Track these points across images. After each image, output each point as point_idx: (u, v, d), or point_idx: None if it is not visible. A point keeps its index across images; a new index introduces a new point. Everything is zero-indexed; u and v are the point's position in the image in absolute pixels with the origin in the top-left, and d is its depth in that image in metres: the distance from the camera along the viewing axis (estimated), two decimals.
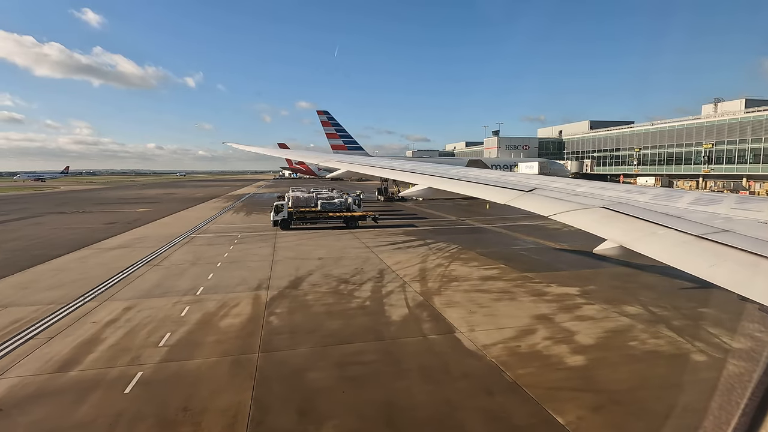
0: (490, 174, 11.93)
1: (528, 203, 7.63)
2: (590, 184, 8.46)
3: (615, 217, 6.04)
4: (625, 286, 21.70)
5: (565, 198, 7.41)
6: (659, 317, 17.12)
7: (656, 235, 4.99)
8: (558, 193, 7.82)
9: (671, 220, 5.29)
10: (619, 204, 6.44)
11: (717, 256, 4.12)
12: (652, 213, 5.76)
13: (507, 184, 9.04)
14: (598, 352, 13.92)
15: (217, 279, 22.93)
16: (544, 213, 6.90)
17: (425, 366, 12.93)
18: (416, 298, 19.56)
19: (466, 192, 9.48)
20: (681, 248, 4.54)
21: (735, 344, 15.16)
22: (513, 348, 14.22)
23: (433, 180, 11.38)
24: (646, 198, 6.75)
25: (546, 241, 34.68)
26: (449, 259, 28.10)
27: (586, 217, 6.37)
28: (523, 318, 17.08)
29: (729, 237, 4.42)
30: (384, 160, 19.92)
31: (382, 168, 15.51)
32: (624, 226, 5.61)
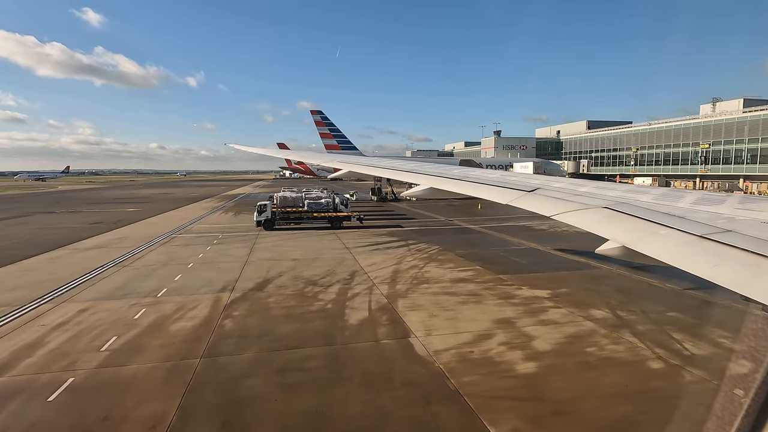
0: (491, 174, 11.74)
1: (529, 203, 7.56)
2: (592, 184, 8.42)
3: (617, 217, 5.95)
4: (599, 288, 21.20)
5: (567, 198, 7.35)
6: (625, 322, 16.62)
7: (658, 235, 4.96)
8: (560, 193, 7.74)
9: (673, 220, 5.27)
10: (621, 204, 6.39)
11: (719, 256, 4.08)
12: (654, 213, 5.74)
13: (509, 184, 9.00)
14: (552, 359, 13.44)
15: (183, 281, 22.55)
16: (546, 213, 6.86)
17: (369, 373, 12.48)
18: (380, 301, 19.11)
19: (468, 192, 9.46)
20: (683, 248, 4.52)
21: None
22: (465, 354, 13.76)
23: (434, 180, 11.28)
24: (649, 198, 6.72)
25: (529, 242, 34.18)
26: (426, 260, 27.65)
27: (588, 217, 6.25)
28: (484, 322, 16.61)
29: (732, 237, 4.36)
30: (385, 161, 19.85)
31: (383, 168, 15.38)
32: (626, 226, 5.56)
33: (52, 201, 79.40)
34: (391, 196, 78.12)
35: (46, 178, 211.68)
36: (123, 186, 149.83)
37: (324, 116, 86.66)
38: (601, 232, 5.67)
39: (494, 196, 8.57)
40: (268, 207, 40.94)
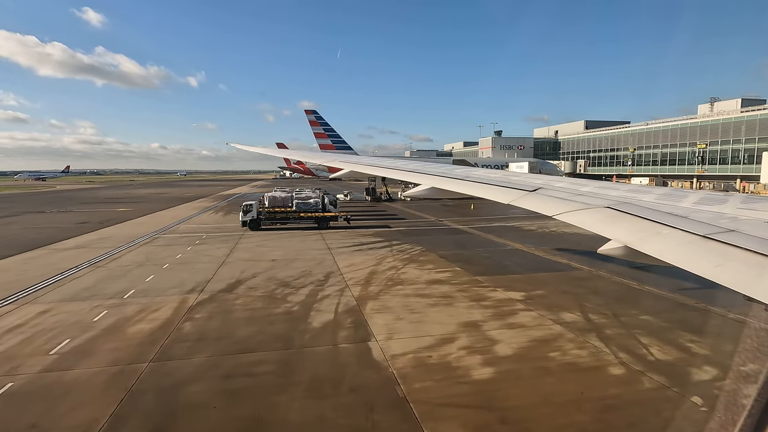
0: (493, 174, 11.70)
1: (531, 203, 7.54)
2: (594, 183, 8.39)
3: (619, 216, 5.91)
4: (576, 291, 20.79)
5: (569, 198, 7.30)
6: (594, 325, 16.22)
7: (661, 235, 4.94)
8: (562, 192, 7.72)
9: (676, 220, 5.24)
10: (623, 204, 6.35)
11: (722, 256, 4.05)
12: (656, 213, 5.71)
13: (510, 183, 8.97)
14: (511, 364, 13.05)
15: (154, 281, 22.22)
16: (548, 213, 6.81)
17: (318, 378, 12.11)
18: (349, 303, 18.75)
19: (470, 192, 9.39)
20: (686, 248, 4.48)
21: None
22: (422, 358, 13.38)
23: (436, 180, 11.20)
24: (651, 197, 6.69)
25: (515, 243, 33.77)
26: (406, 261, 27.28)
27: (590, 216, 6.21)
28: (450, 325, 16.23)
29: (735, 237, 4.34)
30: (387, 160, 19.74)
31: (385, 168, 15.25)
32: (628, 225, 5.53)
33: (45, 201, 79.32)
34: (385, 197, 77.76)
35: (46, 177, 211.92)
36: (121, 186, 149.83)
37: (318, 116, 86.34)
38: (603, 232, 5.64)
39: (496, 195, 8.51)
40: (253, 207, 40.63)
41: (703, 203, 6.13)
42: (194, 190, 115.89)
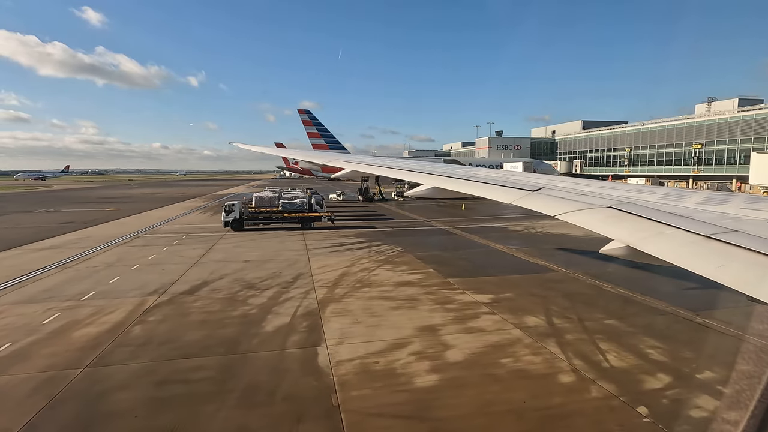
0: (495, 174, 11.62)
1: (533, 203, 7.47)
2: (596, 183, 8.40)
3: (622, 216, 5.87)
4: (546, 293, 20.31)
5: (571, 198, 7.26)
6: (555, 330, 15.74)
7: (663, 235, 4.92)
8: (564, 192, 7.72)
9: (679, 220, 5.22)
10: (626, 204, 6.35)
11: (725, 257, 4.02)
12: (659, 213, 5.69)
13: (512, 183, 8.97)
14: (459, 371, 12.59)
15: (118, 283, 21.83)
16: (550, 212, 6.73)
17: (254, 386, 11.67)
18: (310, 306, 18.31)
19: (472, 192, 9.31)
20: (688, 248, 4.47)
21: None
22: (368, 365, 12.92)
23: (438, 180, 11.12)
24: (654, 197, 6.67)
25: (497, 243, 33.28)
26: (381, 262, 26.83)
27: (592, 216, 6.17)
28: (407, 329, 15.77)
29: (738, 237, 4.32)
30: (389, 160, 19.39)
31: (387, 168, 15.02)
32: (631, 225, 5.51)
33: (37, 200, 79.14)
34: (378, 197, 77.33)
35: (46, 177, 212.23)
36: (118, 185, 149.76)
37: (312, 115, 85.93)
38: (605, 232, 5.59)
39: (498, 195, 8.46)
40: (236, 207, 40.22)
41: (706, 203, 6.11)
42: (190, 189, 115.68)
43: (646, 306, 18.47)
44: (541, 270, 25.17)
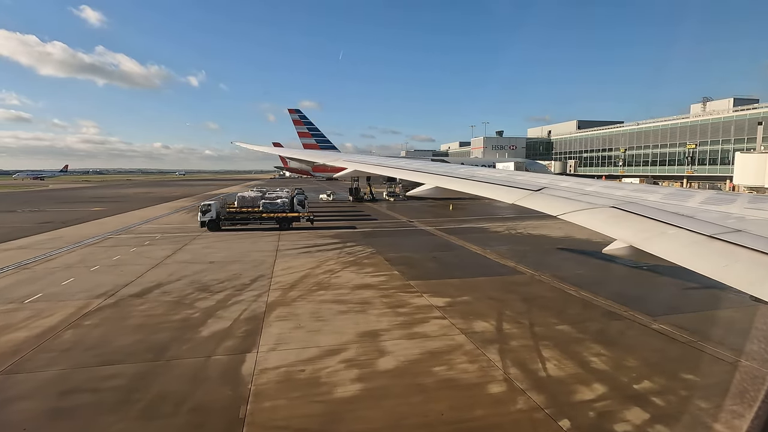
0: (498, 174, 11.63)
1: (536, 203, 7.45)
2: (599, 183, 8.32)
3: (624, 216, 5.84)
4: (506, 297, 19.74)
5: (574, 197, 7.20)
6: (502, 336, 15.16)
7: (667, 235, 4.90)
8: (566, 192, 7.65)
9: (682, 220, 5.19)
10: (628, 203, 6.30)
11: (729, 257, 4.02)
12: (662, 212, 5.65)
13: (515, 183, 8.92)
14: (386, 380, 12.02)
15: (70, 285, 21.34)
16: (552, 212, 6.72)
17: (164, 395, 11.12)
18: (257, 310, 17.76)
19: (474, 191, 9.30)
20: (692, 248, 4.44)
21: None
22: (293, 373, 12.36)
23: (440, 179, 11.04)
24: (657, 197, 6.63)
25: (473, 244, 32.67)
26: (347, 264, 26.28)
27: (595, 216, 6.13)
28: (348, 335, 15.21)
29: (742, 237, 4.29)
30: (391, 160, 19.33)
31: (390, 168, 14.95)
32: (634, 225, 5.48)
33: (25, 200, 78.89)
34: (368, 197, 76.79)
35: (45, 177, 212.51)
36: (114, 185, 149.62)
37: (302, 115, 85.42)
38: (608, 232, 5.55)
39: (500, 195, 8.41)
40: (212, 207, 39.71)
41: (710, 203, 6.07)
42: (183, 189, 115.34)
43: (605, 310, 17.87)
44: (508, 272, 24.58)
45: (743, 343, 14.46)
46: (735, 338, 14.88)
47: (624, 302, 18.70)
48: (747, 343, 14.44)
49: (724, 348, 13.96)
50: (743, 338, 14.98)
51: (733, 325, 16.30)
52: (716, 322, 16.59)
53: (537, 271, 24.49)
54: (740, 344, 14.22)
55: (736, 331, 15.65)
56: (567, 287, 21.20)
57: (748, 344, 14.35)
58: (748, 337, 15.11)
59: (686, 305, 18.69)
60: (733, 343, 14.31)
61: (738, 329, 15.91)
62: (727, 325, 16.29)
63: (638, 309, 17.80)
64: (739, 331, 15.76)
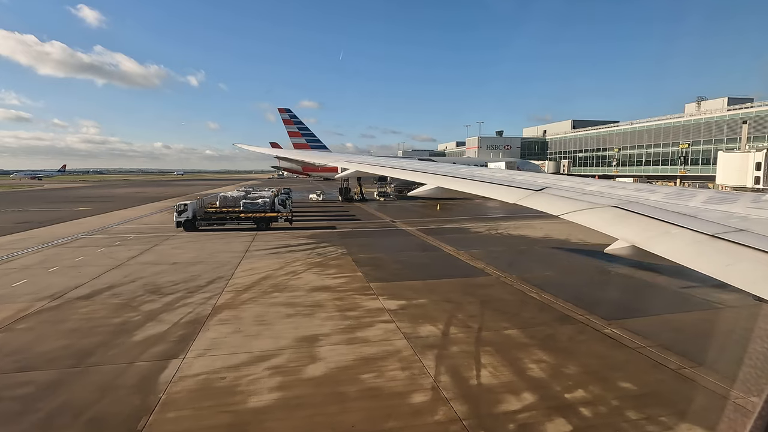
0: (499, 173, 11.75)
1: (537, 202, 7.38)
2: (601, 182, 8.30)
3: (627, 216, 5.80)
4: (463, 299, 19.18)
5: (576, 197, 7.15)
6: (444, 341, 14.60)
7: (669, 235, 4.88)
8: (568, 192, 7.61)
9: (685, 219, 5.16)
10: (630, 203, 6.29)
11: (732, 256, 3.99)
12: (664, 212, 5.61)
13: (516, 183, 8.90)
14: (307, 389, 11.46)
15: (20, 287, 20.87)
16: (554, 212, 6.64)
17: (68, 405, 10.58)
18: (201, 313, 17.23)
19: (476, 191, 9.30)
20: (695, 248, 4.43)
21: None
22: (212, 381, 11.81)
23: (442, 179, 10.98)
24: (659, 197, 6.63)
25: (447, 245, 32.09)
26: (313, 265, 25.74)
27: (597, 216, 6.11)
28: (286, 339, 14.67)
29: (745, 236, 4.27)
30: (393, 160, 19.48)
31: (391, 168, 14.92)
32: (636, 225, 5.45)
33: (13, 200, 78.53)
34: (358, 197, 76.31)
35: (42, 176, 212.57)
36: (109, 185, 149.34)
37: (292, 114, 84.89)
38: (610, 232, 5.50)
39: (502, 195, 8.37)
40: (188, 207, 39.22)
41: (712, 202, 6.06)
42: (176, 189, 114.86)
43: (561, 314, 17.29)
44: (475, 273, 24.01)
45: (694, 349, 13.89)
46: (688, 344, 14.30)
47: (584, 305, 18.13)
48: (698, 350, 13.86)
49: (672, 354, 13.36)
50: (696, 344, 14.41)
51: (692, 330, 15.71)
52: (674, 326, 15.99)
53: (505, 272, 23.92)
54: (690, 350, 13.65)
55: (691, 337, 15.07)
56: (530, 289, 20.62)
57: (699, 350, 13.78)
58: (701, 342, 14.53)
59: (649, 308, 18.10)
60: (684, 349, 13.73)
61: (695, 334, 15.33)
62: (684, 330, 15.69)
63: (596, 312, 17.23)
64: (696, 336, 15.18)
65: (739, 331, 15.83)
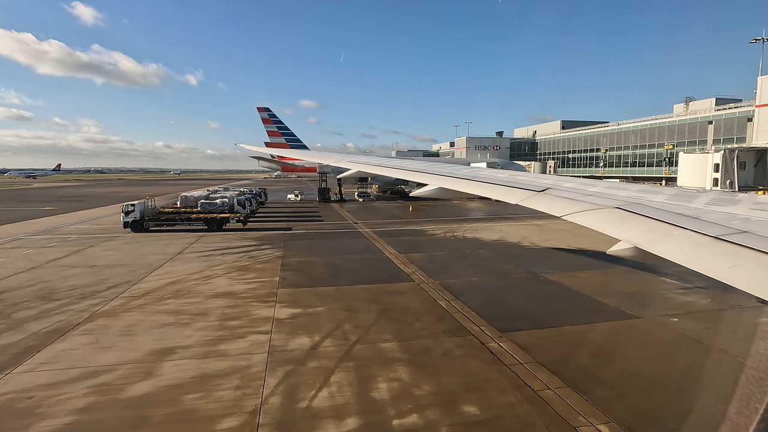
0: (500, 174, 11.52)
1: (540, 203, 7.34)
2: (603, 183, 8.34)
3: (629, 217, 5.78)
4: (365, 307, 18.12)
5: (578, 198, 7.10)
6: (309, 355, 13.48)
7: (672, 236, 4.82)
8: (570, 193, 7.57)
9: (687, 221, 5.08)
10: (633, 204, 6.26)
11: (736, 258, 3.93)
12: (667, 213, 5.56)
13: (518, 184, 8.83)
14: (113, 411, 10.35)
15: None
16: (557, 213, 6.60)
17: None
18: (72, 321, 16.18)
19: (477, 192, 9.31)
20: (697, 249, 4.36)
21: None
22: (16, 400, 10.73)
23: (443, 180, 10.88)
24: (661, 198, 6.60)
25: (393, 248, 30.92)
26: (235, 269, 24.67)
27: (600, 217, 6.08)
28: (137, 352, 13.58)
29: (748, 238, 4.21)
30: (394, 161, 19.39)
31: (392, 168, 14.69)
32: (638, 226, 5.36)
33: None
34: (336, 197, 75.45)
35: (37, 175, 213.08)
36: (100, 184, 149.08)
37: (272, 113, 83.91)
38: (613, 233, 5.47)
39: (503, 195, 8.34)
40: (136, 207, 38.22)
41: (715, 204, 6.08)
42: (162, 188, 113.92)
43: (457, 324, 16.13)
44: (398, 279, 22.85)
45: (571, 366, 12.72)
46: (568, 361, 13.14)
47: (488, 314, 16.99)
48: (574, 367, 12.69)
49: (543, 372, 12.19)
50: (576, 361, 13.23)
51: (581, 345, 14.50)
52: (564, 340, 14.79)
53: (430, 277, 22.78)
54: (564, 369, 12.47)
55: (575, 352, 13.86)
56: (443, 296, 19.46)
57: (575, 368, 12.60)
58: (582, 359, 13.35)
59: (552, 319, 16.91)
60: (559, 367, 12.56)
61: (581, 349, 14.12)
62: (573, 344, 14.49)
63: (495, 323, 16.05)
64: (580, 351, 13.98)
65: (634, 344, 14.66)
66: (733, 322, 16.89)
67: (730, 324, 16.61)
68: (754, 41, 63.20)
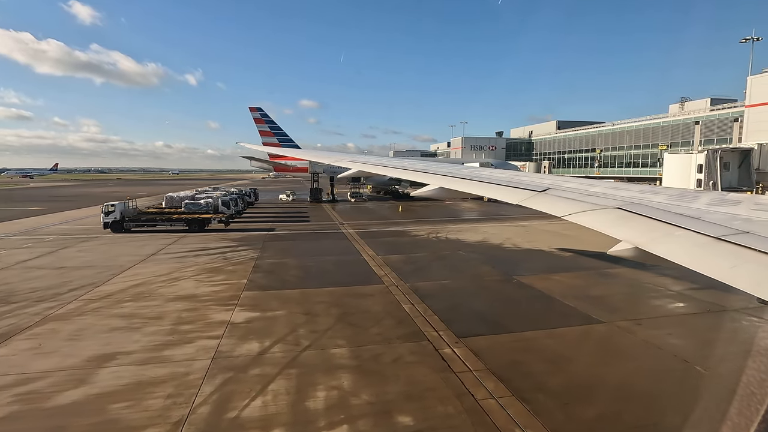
0: (501, 174, 11.44)
1: (541, 203, 7.33)
2: (604, 184, 8.34)
3: (630, 218, 5.71)
4: (324, 311, 17.70)
5: (579, 198, 7.10)
6: (254, 362, 13.06)
7: (673, 236, 4.81)
8: (571, 193, 7.57)
9: (688, 221, 5.09)
10: (634, 204, 6.23)
11: (737, 258, 3.94)
12: (668, 214, 5.52)
13: (519, 184, 8.83)
14: (30, 422, 9.93)
15: None
16: (558, 213, 6.58)
17: None
18: (21, 325, 15.79)
19: (478, 192, 9.35)
20: (699, 250, 4.36)
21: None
22: None
23: (444, 180, 10.86)
24: (662, 198, 6.60)
25: (372, 249, 30.50)
26: (204, 271, 24.27)
27: (601, 217, 5.98)
28: (76, 359, 13.18)
29: (749, 239, 4.21)
30: (395, 160, 19.41)
31: (393, 168, 14.69)
32: (639, 227, 5.35)
33: None
34: (328, 197, 75.16)
35: (35, 175, 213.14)
36: (94, 184, 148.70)
37: (264, 113, 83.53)
38: (614, 233, 5.42)
39: (504, 196, 8.34)
40: (116, 208, 37.86)
41: (716, 204, 6.09)
42: (155, 188, 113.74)
43: (415, 329, 15.73)
44: (369, 281, 22.43)
45: (520, 372, 12.29)
46: (518, 367, 12.74)
47: (449, 318, 16.58)
48: (522, 373, 12.26)
49: (490, 380, 11.77)
50: (527, 367, 12.79)
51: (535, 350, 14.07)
52: (521, 346, 14.34)
53: (401, 280, 22.36)
54: (513, 375, 12.05)
55: (527, 358, 13.43)
56: (409, 300, 19.04)
57: (523, 375, 12.17)
58: (533, 366, 12.91)
59: (515, 323, 16.47)
60: (508, 374, 12.17)
61: (534, 355, 13.69)
62: (528, 350, 14.05)
63: (454, 327, 15.62)
64: (531, 357, 13.54)
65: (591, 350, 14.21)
66: (700, 327, 16.45)
67: (695, 330, 16.16)
68: (743, 41, 62.67)
